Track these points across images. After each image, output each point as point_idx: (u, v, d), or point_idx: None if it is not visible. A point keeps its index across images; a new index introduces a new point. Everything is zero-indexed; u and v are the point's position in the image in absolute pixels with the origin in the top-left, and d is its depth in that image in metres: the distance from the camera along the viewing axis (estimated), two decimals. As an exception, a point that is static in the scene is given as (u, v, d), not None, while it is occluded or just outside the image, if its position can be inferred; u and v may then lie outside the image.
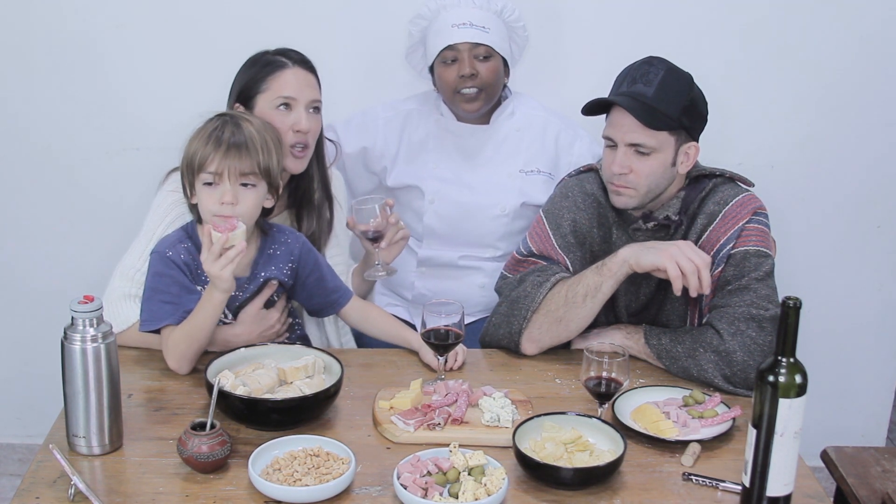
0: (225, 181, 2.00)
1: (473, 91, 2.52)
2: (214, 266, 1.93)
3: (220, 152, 1.99)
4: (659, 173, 2.14)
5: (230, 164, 1.99)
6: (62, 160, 2.95)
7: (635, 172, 2.13)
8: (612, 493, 1.72)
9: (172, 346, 2.03)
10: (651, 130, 2.09)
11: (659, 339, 2.14)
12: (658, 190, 2.17)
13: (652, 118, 2.09)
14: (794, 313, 1.54)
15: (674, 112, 2.10)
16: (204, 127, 2.05)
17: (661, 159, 2.13)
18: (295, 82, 2.24)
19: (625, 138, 2.12)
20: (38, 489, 1.69)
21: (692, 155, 2.17)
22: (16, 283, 3.08)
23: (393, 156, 2.68)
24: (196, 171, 2.01)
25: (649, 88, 2.10)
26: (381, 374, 2.13)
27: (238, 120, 2.05)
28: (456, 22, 2.50)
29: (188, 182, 2.05)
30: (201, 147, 2.00)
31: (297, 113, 2.23)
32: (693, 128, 2.16)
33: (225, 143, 1.99)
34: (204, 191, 2.02)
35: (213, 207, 2.00)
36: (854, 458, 2.29)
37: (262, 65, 2.26)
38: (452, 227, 2.67)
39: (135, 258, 2.19)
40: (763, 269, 2.12)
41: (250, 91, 2.25)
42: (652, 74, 2.11)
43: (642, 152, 2.11)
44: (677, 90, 2.12)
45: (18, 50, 2.85)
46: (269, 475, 1.69)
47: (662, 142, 2.12)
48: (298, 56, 2.28)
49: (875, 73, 2.87)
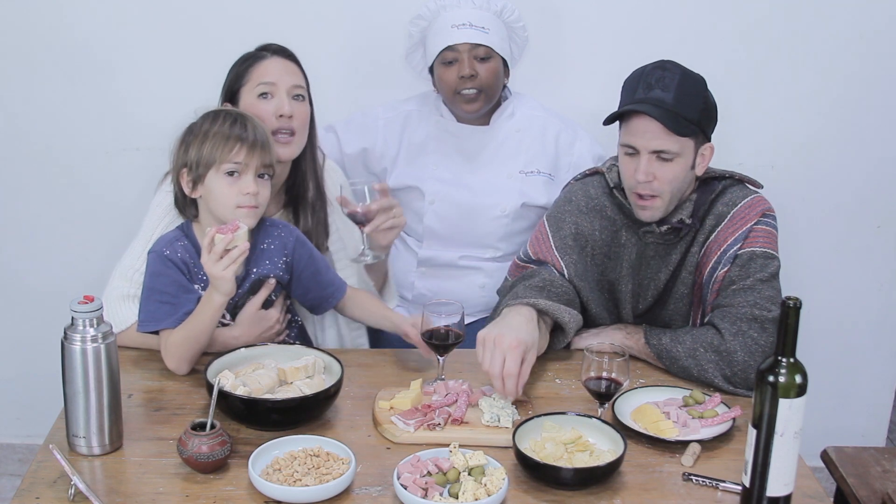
0: (249, 172, 2.02)
1: (473, 92, 2.52)
2: (216, 267, 1.92)
3: (246, 143, 2.02)
4: (681, 178, 2.13)
5: (256, 155, 2.03)
6: (62, 160, 2.95)
7: (659, 179, 2.11)
8: (612, 493, 1.72)
9: (172, 348, 2.03)
10: (675, 136, 2.08)
11: (659, 339, 2.14)
12: (680, 194, 2.16)
13: (677, 124, 2.07)
14: (794, 313, 1.54)
15: (694, 116, 2.09)
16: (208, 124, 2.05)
17: (682, 164, 2.11)
18: (273, 69, 2.27)
19: (648, 146, 2.09)
20: (38, 489, 1.69)
21: (707, 156, 2.16)
22: (16, 283, 3.08)
23: (393, 157, 2.68)
24: (215, 162, 2.02)
25: (668, 94, 2.08)
26: (381, 374, 2.13)
27: (239, 115, 2.08)
28: (456, 23, 2.50)
29: (192, 178, 2.05)
30: (221, 139, 2.02)
31: (278, 99, 2.26)
32: (709, 130, 2.16)
33: (250, 135, 2.03)
34: (224, 183, 2.02)
35: (236, 199, 2.02)
36: (854, 458, 2.29)
37: (242, 61, 2.31)
38: (452, 228, 2.67)
39: (134, 258, 2.19)
40: (768, 271, 2.12)
41: (233, 86, 2.29)
42: (668, 79, 2.10)
43: (665, 158, 2.10)
44: (694, 93, 2.11)
45: (19, 50, 2.85)
46: (269, 475, 1.69)
47: (684, 146, 2.10)
48: (277, 47, 2.33)
49: (875, 73, 2.86)
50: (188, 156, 2.05)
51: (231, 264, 1.93)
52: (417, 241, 2.72)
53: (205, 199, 2.06)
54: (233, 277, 1.94)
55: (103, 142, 2.93)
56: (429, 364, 2.13)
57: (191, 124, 2.10)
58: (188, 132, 2.09)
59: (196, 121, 2.10)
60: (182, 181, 2.07)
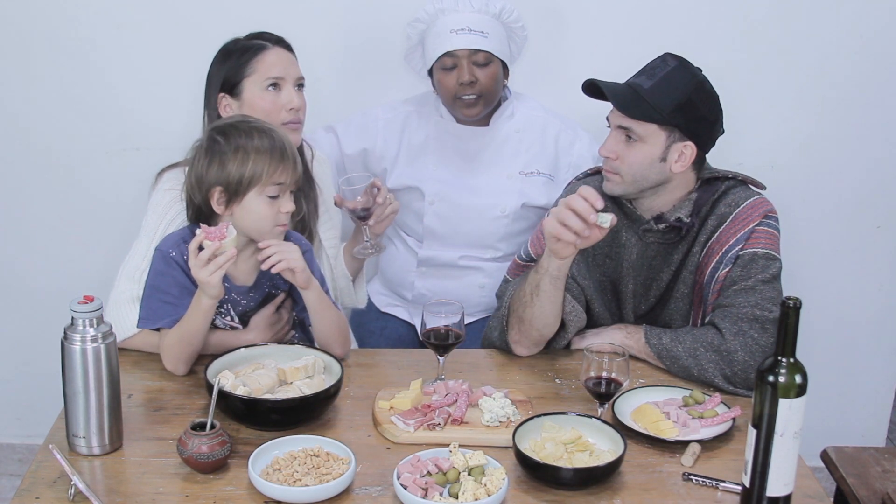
0: (287, 192, 2.01)
1: (473, 98, 2.52)
2: (203, 272, 1.91)
3: (288, 163, 1.99)
4: (645, 165, 2.14)
5: (296, 175, 2.01)
6: (62, 160, 2.95)
7: (621, 159, 2.14)
8: (612, 493, 1.72)
9: (166, 348, 2.04)
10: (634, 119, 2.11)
11: (659, 339, 2.14)
12: (645, 183, 2.16)
13: (634, 107, 2.10)
14: (794, 313, 1.54)
15: (664, 107, 2.10)
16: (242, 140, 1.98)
17: (646, 151, 2.13)
18: (280, 62, 2.28)
19: (615, 120, 2.15)
20: (38, 489, 1.69)
21: (688, 155, 2.15)
22: (16, 283, 3.08)
23: (393, 157, 2.68)
24: (258, 183, 1.96)
25: (649, 81, 2.12)
26: (381, 374, 2.13)
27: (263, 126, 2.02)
28: (454, 27, 2.49)
29: (227, 197, 1.98)
30: (263, 160, 1.96)
31: (287, 91, 2.27)
32: (689, 128, 2.14)
33: (290, 154, 2.00)
34: (265, 204, 1.98)
35: (276, 218, 2.00)
36: (854, 458, 2.29)
37: (241, 51, 2.28)
38: (452, 228, 2.67)
39: (138, 259, 2.17)
40: (770, 272, 2.12)
41: (235, 78, 2.27)
42: (659, 69, 2.13)
43: (631, 137, 2.13)
44: (677, 87, 2.11)
45: (19, 50, 2.85)
46: (269, 475, 1.69)
47: (650, 133, 2.12)
48: (274, 37, 2.33)
49: (875, 73, 2.86)
50: (224, 174, 1.97)
51: (217, 270, 1.91)
52: (417, 241, 2.72)
53: (238, 216, 2.00)
54: (219, 282, 1.93)
55: (103, 142, 2.93)
56: (429, 364, 2.13)
57: (213, 136, 2.00)
58: (214, 144, 1.99)
59: (217, 134, 2.00)
60: (213, 199, 1.99)
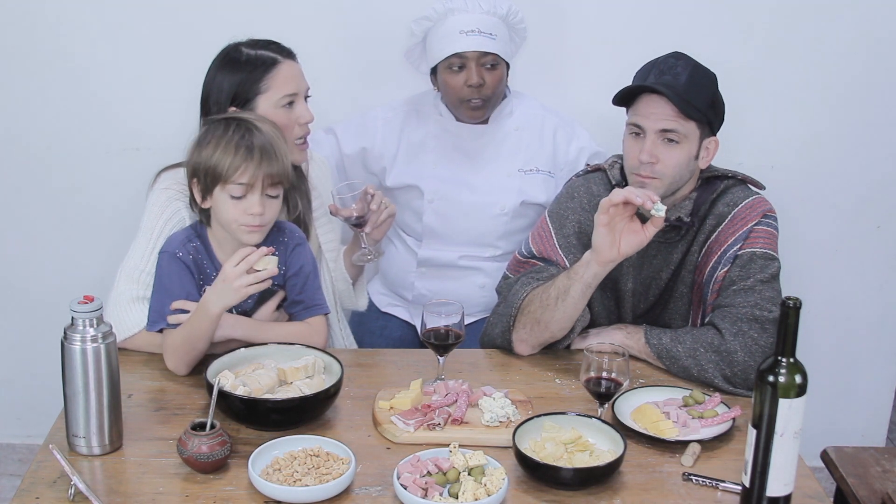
0: (255, 192, 1.97)
1: (479, 101, 2.52)
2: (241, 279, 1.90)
3: (252, 162, 1.95)
4: (684, 165, 2.14)
5: (261, 175, 1.96)
6: (62, 160, 2.95)
7: (662, 162, 2.12)
8: (612, 493, 1.72)
9: (170, 349, 2.03)
10: (683, 119, 2.09)
11: (659, 339, 2.14)
12: (680, 183, 2.16)
13: (686, 105, 2.09)
14: (794, 313, 1.54)
15: (702, 104, 2.11)
16: (219, 133, 1.98)
17: (687, 150, 2.13)
18: (293, 77, 2.23)
19: (656, 125, 2.11)
20: (38, 489, 1.69)
21: (712, 150, 2.18)
22: (16, 284, 3.09)
23: (392, 156, 2.68)
24: (220, 180, 1.96)
25: (679, 80, 2.10)
26: (381, 374, 2.13)
27: (251, 125, 2.00)
28: (464, 28, 2.48)
29: (202, 188, 2.00)
30: (228, 156, 1.95)
31: (299, 106, 2.23)
32: (715, 124, 2.17)
33: (257, 153, 1.95)
34: (228, 202, 1.98)
35: (240, 218, 1.98)
36: (854, 458, 2.29)
37: (251, 65, 2.19)
38: (452, 227, 2.67)
39: (138, 259, 2.15)
40: (769, 272, 2.12)
41: (248, 94, 2.18)
42: (680, 68, 2.12)
43: (671, 140, 2.11)
44: (704, 85, 2.13)
45: (18, 50, 2.85)
46: (269, 475, 1.69)
47: (690, 132, 2.12)
48: (281, 48, 2.25)
49: (875, 73, 2.87)
50: (199, 161, 1.99)
51: (254, 283, 1.91)
52: (417, 241, 2.72)
53: (213, 210, 2.03)
54: (245, 296, 1.93)
55: (103, 142, 2.93)
56: (429, 364, 2.13)
57: (205, 128, 2.04)
58: (202, 132, 2.03)
59: (207, 123, 2.05)
60: (194, 189, 2.03)
